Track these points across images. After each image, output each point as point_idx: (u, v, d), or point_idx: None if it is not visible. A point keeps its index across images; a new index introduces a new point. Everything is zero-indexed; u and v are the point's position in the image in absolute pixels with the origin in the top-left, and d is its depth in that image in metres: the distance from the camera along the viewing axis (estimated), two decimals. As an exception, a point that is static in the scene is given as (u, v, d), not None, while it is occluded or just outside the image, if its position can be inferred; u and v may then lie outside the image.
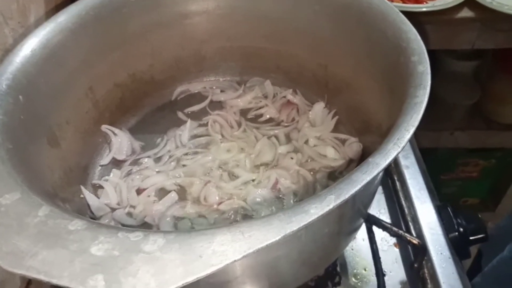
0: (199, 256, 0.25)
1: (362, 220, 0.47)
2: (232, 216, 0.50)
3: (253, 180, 0.52)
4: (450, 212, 0.55)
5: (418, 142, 0.68)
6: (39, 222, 0.28)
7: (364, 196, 0.40)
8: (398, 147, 0.30)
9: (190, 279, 0.24)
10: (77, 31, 0.49)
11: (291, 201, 0.50)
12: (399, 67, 0.40)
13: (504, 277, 0.59)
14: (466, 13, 1.05)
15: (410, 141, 0.64)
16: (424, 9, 1.03)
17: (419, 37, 0.39)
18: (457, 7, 1.03)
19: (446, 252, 0.50)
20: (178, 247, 0.26)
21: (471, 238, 0.53)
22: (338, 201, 0.27)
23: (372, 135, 0.51)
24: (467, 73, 1.39)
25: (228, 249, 0.26)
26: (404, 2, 1.08)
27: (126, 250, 0.26)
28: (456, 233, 0.53)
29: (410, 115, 0.32)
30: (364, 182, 0.28)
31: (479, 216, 0.56)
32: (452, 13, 1.04)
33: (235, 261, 0.25)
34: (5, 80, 0.40)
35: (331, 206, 0.27)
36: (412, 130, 0.31)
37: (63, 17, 0.48)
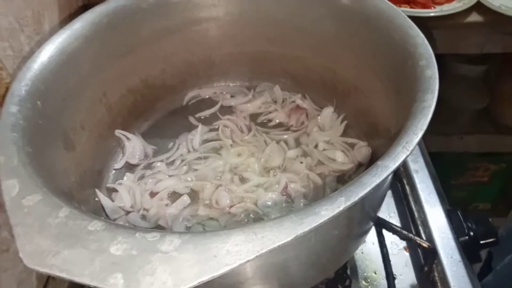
0: (213, 256, 0.26)
1: (371, 223, 0.47)
2: (244, 219, 0.50)
3: (263, 184, 0.53)
4: (460, 216, 0.55)
5: (427, 147, 0.69)
6: (60, 222, 0.29)
7: (373, 199, 0.41)
8: (407, 150, 0.31)
9: (205, 278, 0.25)
10: (91, 38, 0.50)
11: (301, 205, 0.51)
12: (406, 71, 0.40)
13: None
14: (474, 17, 1.06)
15: (419, 145, 0.65)
16: (432, 14, 1.03)
17: (426, 42, 0.40)
18: (465, 12, 1.03)
19: (456, 256, 0.50)
20: (193, 247, 0.27)
21: (481, 242, 0.53)
22: (348, 203, 0.28)
23: (380, 139, 0.51)
24: (476, 77, 1.38)
25: (242, 249, 0.26)
26: (411, 7, 1.08)
27: (143, 250, 0.27)
28: (467, 237, 0.53)
29: (419, 119, 0.33)
30: (374, 184, 0.29)
31: (490, 220, 0.56)
32: (460, 18, 1.04)
33: (248, 260, 0.26)
34: (24, 86, 0.41)
35: (341, 208, 0.28)
36: (420, 134, 0.32)
37: (78, 24, 0.49)
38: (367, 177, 0.30)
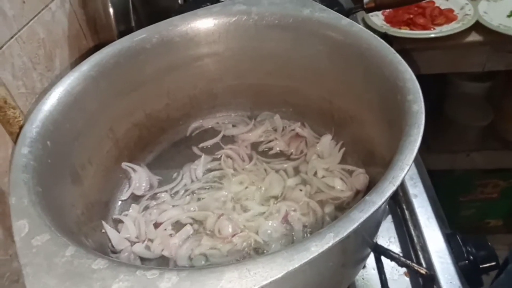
0: (209, 293, 0.28)
1: (369, 250, 0.48)
2: (245, 248, 0.52)
3: (263, 213, 0.55)
4: (460, 240, 0.56)
5: (434, 165, 0.69)
6: (66, 261, 0.31)
7: (367, 229, 0.42)
8: (393, 186, 0.32)
9: (201, 314, 0.27)
10: (98, 78, 0.53)
11: (301, 233, 0.52)
12: (396, 105, 0.42)
13: None
14: (474, 37, 1.08)
15: (418, 169, 0.66)
16: (432, 35, 1.06)
17: (414, 77, 0.42)
18: (465, 32, 1.06)
19: (456, 281, 0.51)
20: (190, 285, 0.28)
21: (481, 266, 0.54)
22: (337, 239, 0.30)
23: (377, 166, 0.53)
24: (479, 94, 1.39)
25: (236, 286, 0.28)
26: (411, 29, 1.11)
27: (143, 288, 0.29)
28: (466, 261, 0.54)
29: (405, 154, 0.35)
30: (361, 220, 0.31)
31: (489, 243, 0.56)
32: (460, 38, 1.06)
33: (241, 297, 0.27)
34: (35, 128, 0.44)
35: (330, 244, 0.29)
36: (406, 169, 0.34)
37: (86, 66, 0.53)
38: (355, 213, 0.31)
